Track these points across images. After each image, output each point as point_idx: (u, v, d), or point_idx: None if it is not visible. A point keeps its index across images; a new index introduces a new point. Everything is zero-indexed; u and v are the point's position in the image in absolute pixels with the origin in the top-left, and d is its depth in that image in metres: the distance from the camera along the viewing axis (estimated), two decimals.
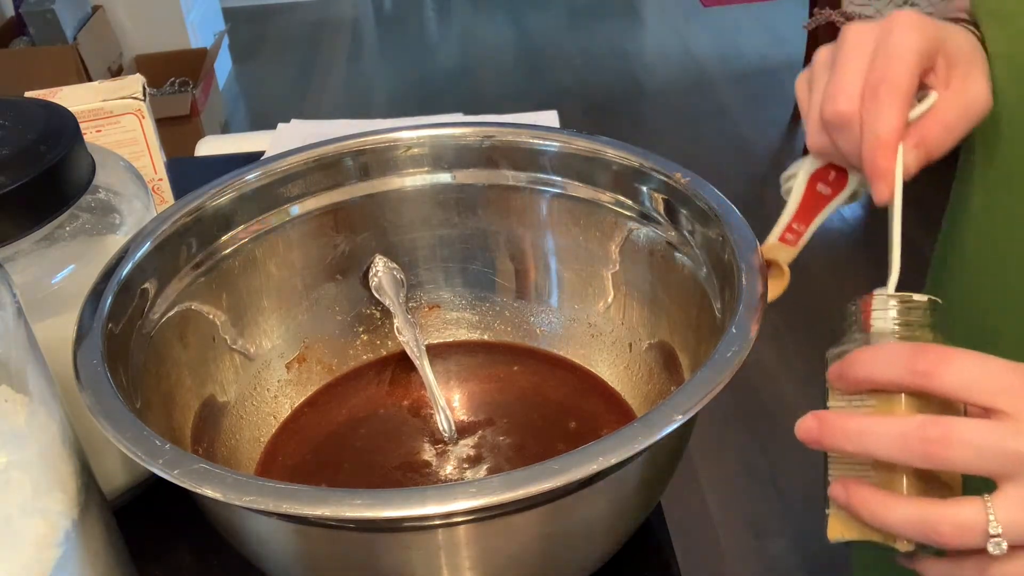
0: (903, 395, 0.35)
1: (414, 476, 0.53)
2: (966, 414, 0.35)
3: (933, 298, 0.37)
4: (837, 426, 0.35)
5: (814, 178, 0.45)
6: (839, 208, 0.46)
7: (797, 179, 0.45)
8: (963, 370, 0.33)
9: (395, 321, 0.59)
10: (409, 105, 2.87)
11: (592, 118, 2.73)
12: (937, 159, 0.40)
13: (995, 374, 0.33)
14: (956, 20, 0.46)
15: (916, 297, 0.37)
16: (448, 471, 0.54)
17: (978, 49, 0.43)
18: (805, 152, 0.46)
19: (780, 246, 0.45)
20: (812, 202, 0.45)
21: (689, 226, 0.52)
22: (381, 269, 0.61)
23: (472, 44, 3.40)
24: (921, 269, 0.58)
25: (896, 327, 0.37)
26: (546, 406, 0.58)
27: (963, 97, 0.40)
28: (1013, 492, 0.33)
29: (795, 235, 0.45)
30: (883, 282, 0.40)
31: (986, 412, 0.34)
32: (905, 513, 0.34)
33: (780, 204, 0.43)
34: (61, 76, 2.23)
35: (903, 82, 0.39)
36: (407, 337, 0.59)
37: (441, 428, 0.55)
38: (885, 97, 0.38)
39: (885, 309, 0.37)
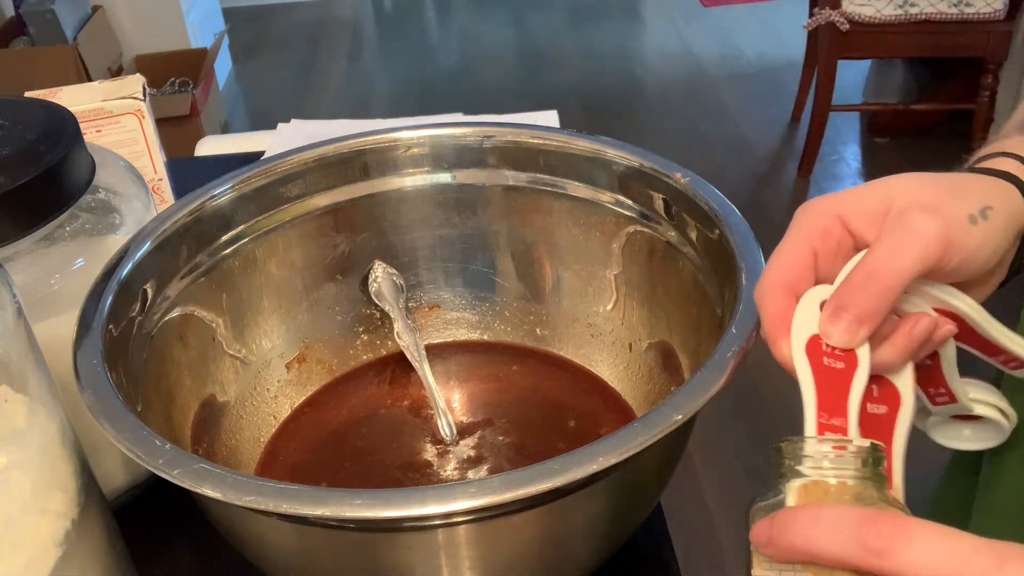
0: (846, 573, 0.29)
1: (414, 476, 0.53)
2: None
3: (876, 443, 0.32)
4: None
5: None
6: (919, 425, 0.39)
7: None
8: (927, 551, 0.27)
9: (395, 326, 0.59)
10: (409, 105, 2.87)
11: (592, 118, 2.73)
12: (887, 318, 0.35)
13: (965, 557, 0.27)
14: (998, 155, 0.41)
15: (858, 442, 0.31)
16: (448, 471, 0.54)
17: (948, 190, 0.37)
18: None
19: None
20: (872, 426, 0.36)
21: (689, 226, 0.52)
22: (380, 275, 0.61)
23: (472, 44, 3.39)
24: None
25: (833, 481, 0.31)
26: (546, 406, 0.58)
27: (888, 241, 0.35)
28: None
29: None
30: None
31: None
32: None
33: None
34: (61, 76, 2.23)
35: (776, 277, 0.36)
36: (407, 342, 0.59)
37: (443, 433, 0.55)
38: (758, 300, 0.37)
39: (816, 456, 0.31)
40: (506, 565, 0.41)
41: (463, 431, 0.56)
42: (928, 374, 0.39)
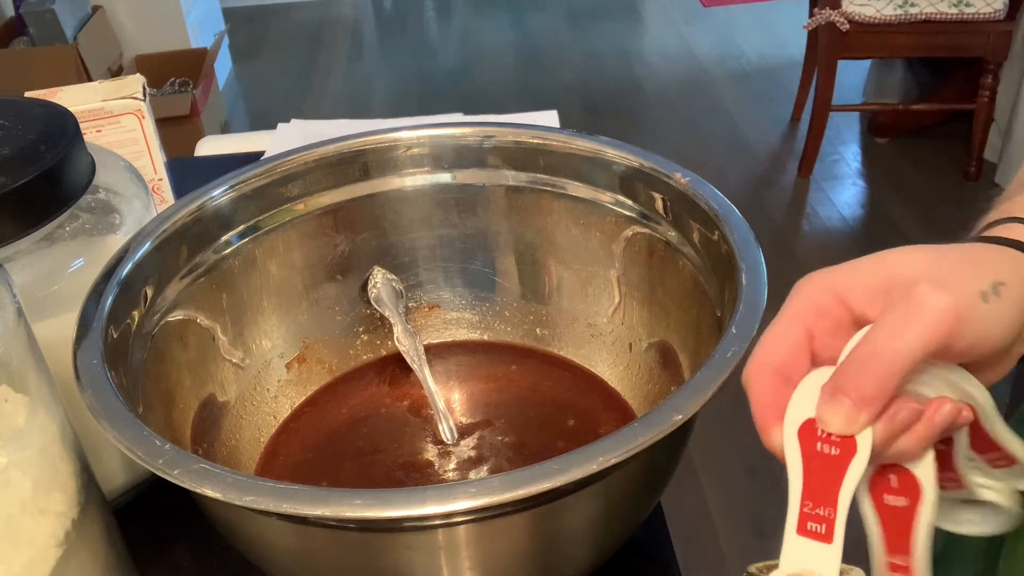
0: None
1: (415, 476, 0.53)
2: None
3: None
4: None
5: (876, 491, 0.35)
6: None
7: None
8: None
9: (395, 331, 0.59)
10: (409, 105, 2.87)
11: (592, 118, 2.73)
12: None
13: None
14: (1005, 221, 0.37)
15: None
16: (449, 471, 0.54)
17: (964, 264, 0.34)
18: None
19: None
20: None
21: (689, 226, 0.52)
22: (380, 280, 0.61)
23: (472, 44, 3.39)
24: None
25: None
26: (546, 406, 0.58)
27: (892, 318, 0.32)
28: None
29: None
30: None
31: None
32: None
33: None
34: (61, 76, 2.23)
35: (765, 359, 0.34)
36: (407, 346, 0.59)
37: (444, 436, 0.55)
38: (745, 383, 0.35)
39: None
40: (506, 565, 0.41)
41: (463, 431, 0.56)
42: (938, 458, 0.35)
